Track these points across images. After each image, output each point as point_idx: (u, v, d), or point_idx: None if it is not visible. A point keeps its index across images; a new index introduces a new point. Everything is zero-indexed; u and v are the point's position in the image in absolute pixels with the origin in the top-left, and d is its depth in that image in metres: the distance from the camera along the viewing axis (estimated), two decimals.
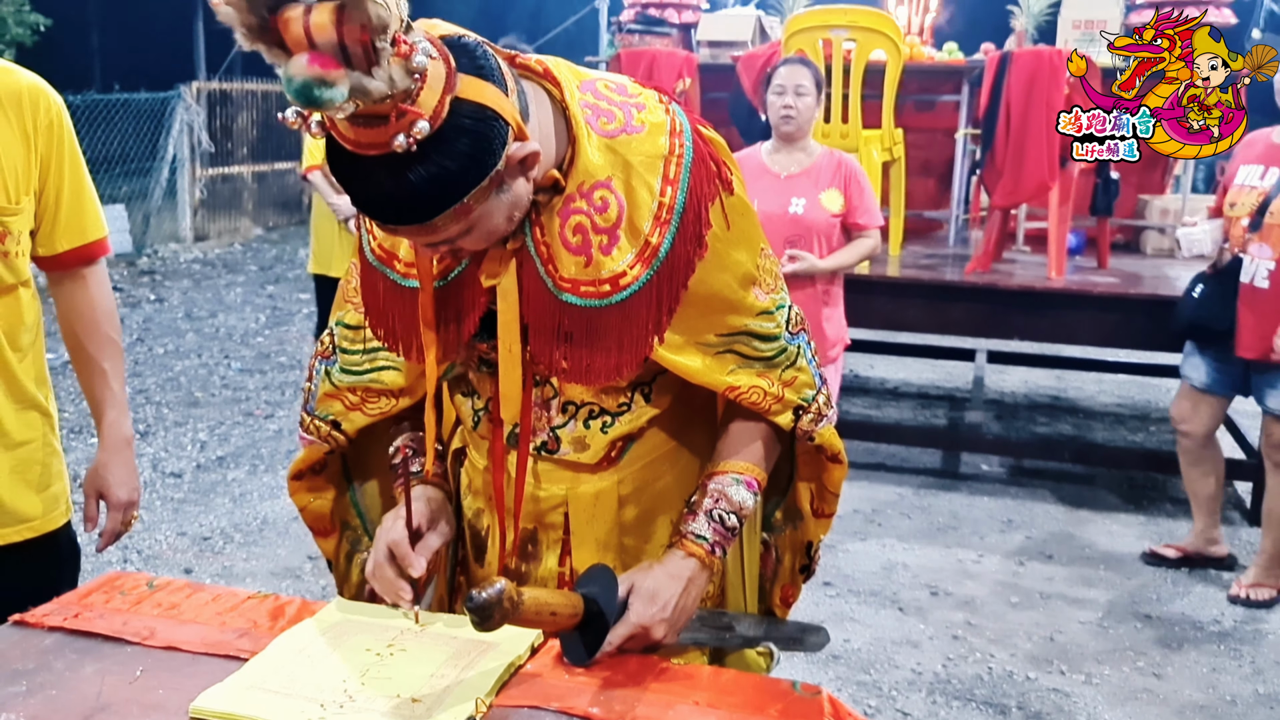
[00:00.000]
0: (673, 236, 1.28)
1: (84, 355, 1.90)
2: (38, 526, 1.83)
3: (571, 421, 1.40)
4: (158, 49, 18.01)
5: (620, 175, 1.27)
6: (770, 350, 1.38)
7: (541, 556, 1.48)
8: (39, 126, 1.74)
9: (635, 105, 1.32)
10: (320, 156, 4.93)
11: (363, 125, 1.05)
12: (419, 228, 1.14)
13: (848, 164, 3.69)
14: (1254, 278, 3.49)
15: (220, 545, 3.91)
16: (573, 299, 1.28)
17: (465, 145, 1.10)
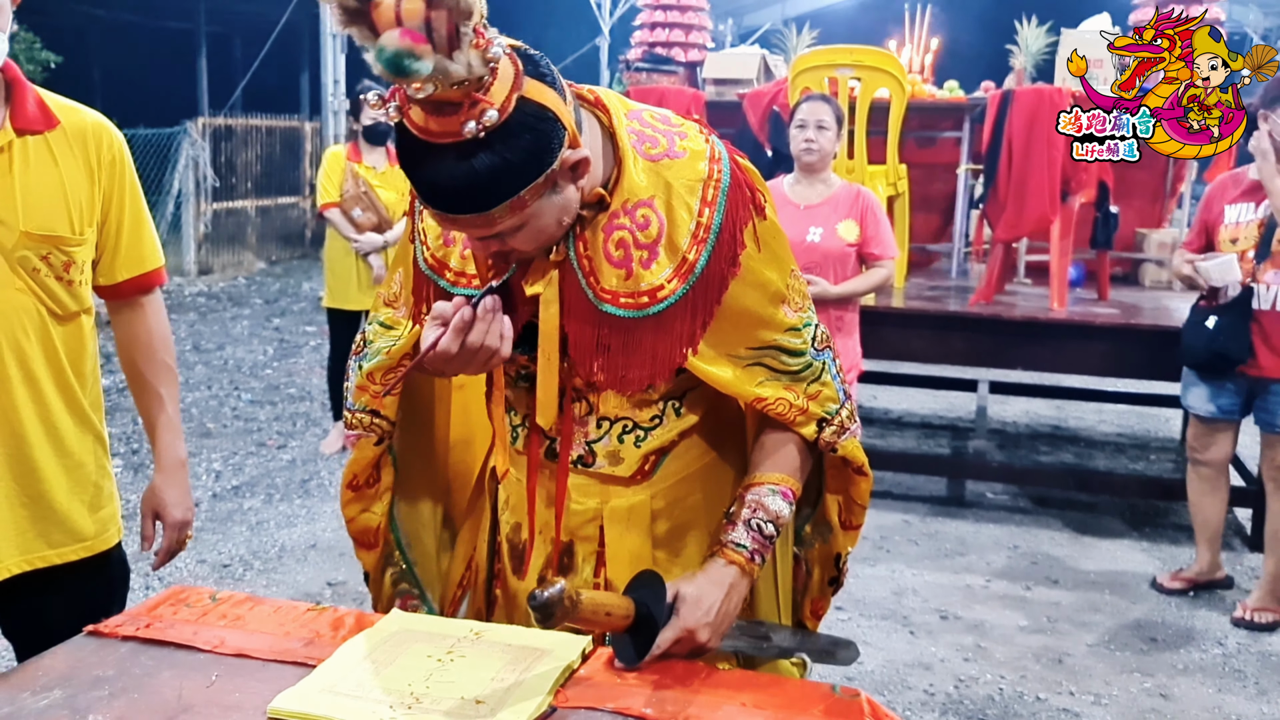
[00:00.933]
0: (709, 254, 1.37)
1: (141, 380, 1.97)
2: (92, 546, 1.89)
3: (606, 436, 1.49)
4: (159, 85, 18.19)
5: (662, 195, 1.37)
6: (797, 365, 1.46)
7: (578, 568, 1.54)
8: (102, 162, 1.82)
9: (678, 134, 1.42)
10: (335, 194, 5.05)
11: (436, 113, 1.15)
12: (477, 217, 1.23)
13: (865, 196, 3.83)
14: (1275, 303, 3.61)
15: (240, 572, 3.96)
16: (612, 309, 1.37)
17: (527, 141, 1.20)
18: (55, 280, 1.76)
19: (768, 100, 5.54)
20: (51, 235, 1.74)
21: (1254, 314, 3.65)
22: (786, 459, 1.50)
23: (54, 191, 1.75)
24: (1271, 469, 3.72)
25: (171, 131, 10.76)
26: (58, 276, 1.76)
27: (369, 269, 5.11)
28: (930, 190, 6.13)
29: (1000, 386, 6.27)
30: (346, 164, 5.10)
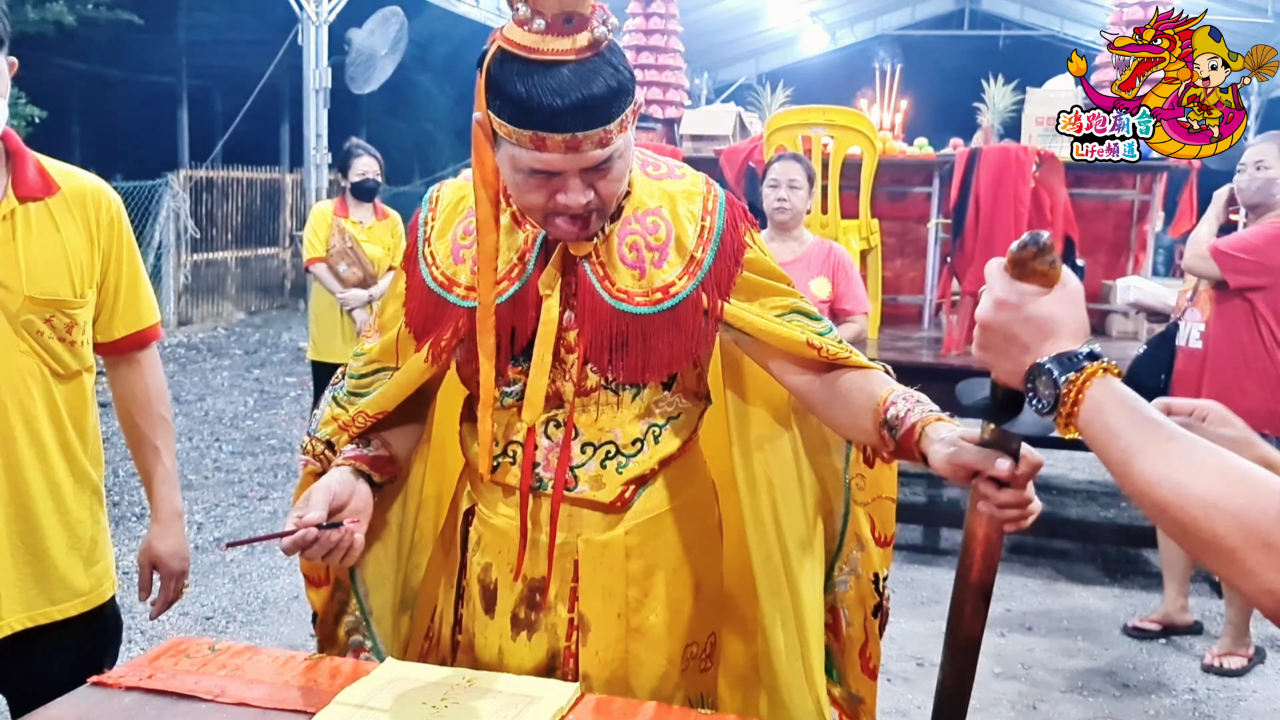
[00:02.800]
0: (714, 253, 1.51)
1: (138, 434, 2.03)
2: (89, 600, 1.93)
3: (590, 461, 1.53)
4: (141, 138, 18.26)
5: (668, 205, 1.53)
6: (823, 328, 1.57)
7: (551, 604, 1.57)
8: (101, 224, 1.89)
9: (676, 166, 1.61)
10: (322, 249, 5.12)
11: (560, 31, 1.28)
12: (601, 132, 1.32)
13: (837, 253, 3.91)
14: (1189, 339, 3.78)
15: (223, 624, 3.98)
16: (628, 307, 1.48)
17: (625, 68, 1.35)
18: (58, 341, 1.82)
19: (744, 157, 5.68)
20: (54, 299, 1.80)
21: (1175, 351, 3.83)
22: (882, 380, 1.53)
23: (56, 256, 1.81)
24: None
25: (153, 184, 10.83)
26: (60, 338, 1.82)
27: (353, 323, 5.17)
28: (902, 243, 6.27)
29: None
30: (333, 219, 5.18)
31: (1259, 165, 3.62)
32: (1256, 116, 19.97)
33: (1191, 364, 3.75)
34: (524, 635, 1.58)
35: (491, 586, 1.59)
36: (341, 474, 1.50)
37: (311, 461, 1.62)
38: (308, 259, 5.20)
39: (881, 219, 5.52)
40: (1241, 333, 3.63)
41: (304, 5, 11.35)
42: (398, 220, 5.41)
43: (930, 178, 5.82)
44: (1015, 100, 6.00)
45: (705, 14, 17.13)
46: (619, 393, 1.52)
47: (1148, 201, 6.01)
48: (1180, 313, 3.86)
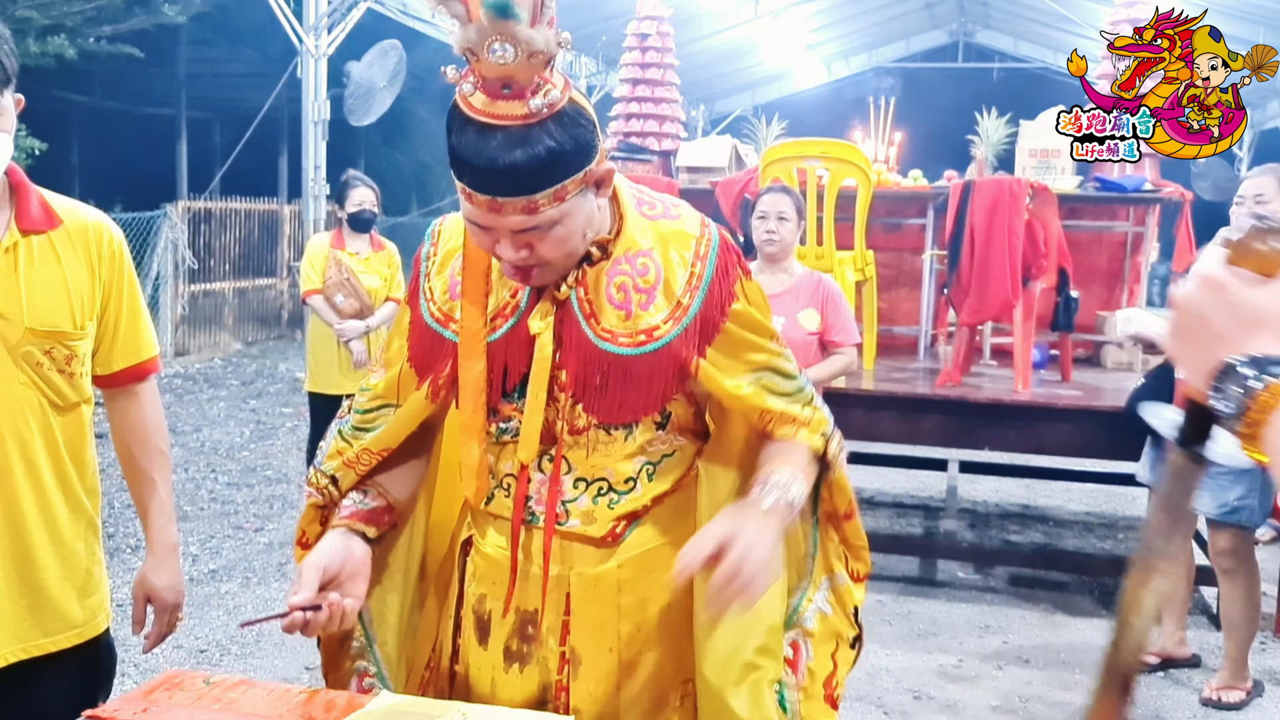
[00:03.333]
0: (701, 300, 1.50)
1: (135, 466, 2.04)
2: (83, 632, 1.92)
3: (582, 496, 1.55)
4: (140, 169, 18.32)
5: (660, 248, 1.51)
6: (792, 388, 1.57)
7: (543, 637, 1.57)
8: (103, 258, 1.90)
9: (673, 205, 1.59)
10: (319, 281, 5.14)
11: (502, 93, 1.28)
12: (525, 201, 1.32)
13: (826, 285, 3.91)
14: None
15: (217, 657, 3.97)
16: (611, 347, 1.48)
17: (575, 133, 1.33)
18: (57, 373, 1.83)
19: (739, 188, 5.72)
20: (55, 331, 1.81)
21: (1175, 383, 3.80)
22: (794, 454, 1.54)
23: (57, 288, 1.82)
24: (1215, 554, 3.81)
25: (151, 215, 10.87)
26: (60, 369, 1.83)
27: (350, 354, 5.19)
28: (897, 275, 6.31)
29: (970, 466, 6.38)
30: (330, 251, 5.21)
31: (1258, 199, 3.61)
32: (1250, 149, 20.10)
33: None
34: (516, 667, 1.58)
35: (486, 617, 1.61)
36: (332, 542, 1.51)
37: (315, 494, 1.64)
38: (304, 291, 5.22)
39: (876, 250, 5.54)
40: None
41: (303, 38, 11.43)
42: (394, 251, 5.44)
43: (925, 209, 5.87)
44: (1009, 133, 6.04)
45: (701, 47, 17.28)
46: (611, 432, 1.52)
47: (1141, 233, 6.06)
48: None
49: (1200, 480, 1.01)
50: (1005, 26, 21.90)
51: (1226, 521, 3.69)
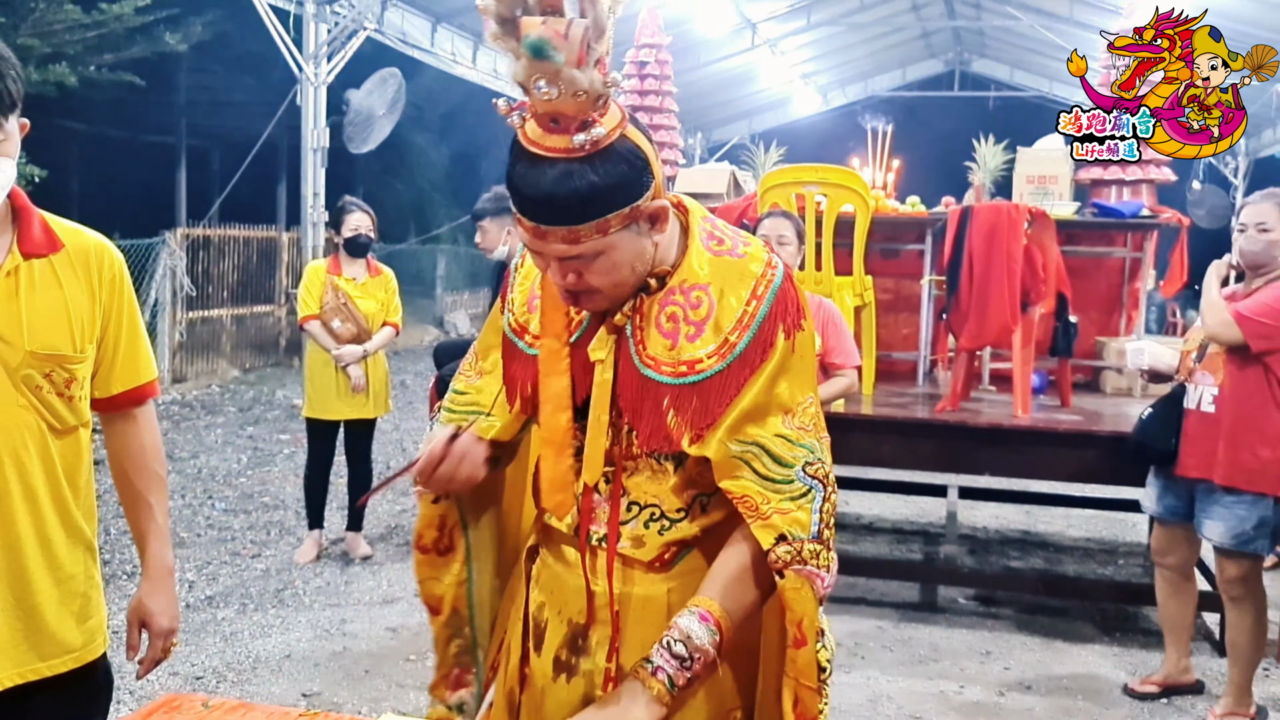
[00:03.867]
0: (749, 340, 1.48)
1: (132, 490, 2.02)
2: (80, 657, 1.90)
3: (634, 520, 1.55)
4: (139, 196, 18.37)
5: (717, 284, 1.50)
6: (780, 475, 1.46)
7: (591, 652, 1.58)
8: (103, 281, 1.90)
9: (744, 242, 1.57)
10: (315, 307, 5.15)
11: (552, 127, 1.34)
12: (566, 230, 1.37)
13: (826, 308, 3.94)
14: (1199, 403, 3.72)
15: (213, 684, 3.94)
16: (653, 374, 1.49)
17: (622, 170, 1.37)
18: (56, 397, 1.82)
19: (738, 214, 5.73)
20: (55, 354, 1.81)
21: (1184, 412, 3.78)
22: (719, 581, 1.48)
23: (58, 312, 1.82)
24: (1223, 582, 3.79)
25: (150, 242, 10.88)
26: (59, 393, 1.82)
27: (348, 379, 5.18)
28: (896, 300, 6.32)
29: (970, 492, 6.36)
30: (327, 276, 5.22)
31: (1260, 227, 3.60)
32: (1244, 176, 20.20)
33: (1204, 427, 3.69)
34: (564, 678, 1.60)
35: (542, 625, 1.64)
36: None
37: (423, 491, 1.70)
38: (301, 316, 5.23)
39: (875, 276, 5.55)
40: (1256, 396, 3.59)
41: (303, 66, 11.50)
42: (391, 276, 5.45)
43: (923, 235, 5.88)
44: (1006, 159, 6.06)
45: (699, 75, 17.38)
46: (661, 461, 1.53)
47: (1139, 259, 6.07)
48: (1187, 374, 3.80)
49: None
50: (1001, 56, 22.06)
51: (1241, 551, 3.67)
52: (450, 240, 19.98)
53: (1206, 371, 3.71)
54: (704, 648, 1.42)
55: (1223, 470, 3.63)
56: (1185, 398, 3.79)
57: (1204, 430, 3.70)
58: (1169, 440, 3.78)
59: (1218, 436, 3.65)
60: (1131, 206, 5.90)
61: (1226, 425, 3.63)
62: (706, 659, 1.42)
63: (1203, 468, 3.69)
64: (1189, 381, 3.79)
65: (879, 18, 18.72)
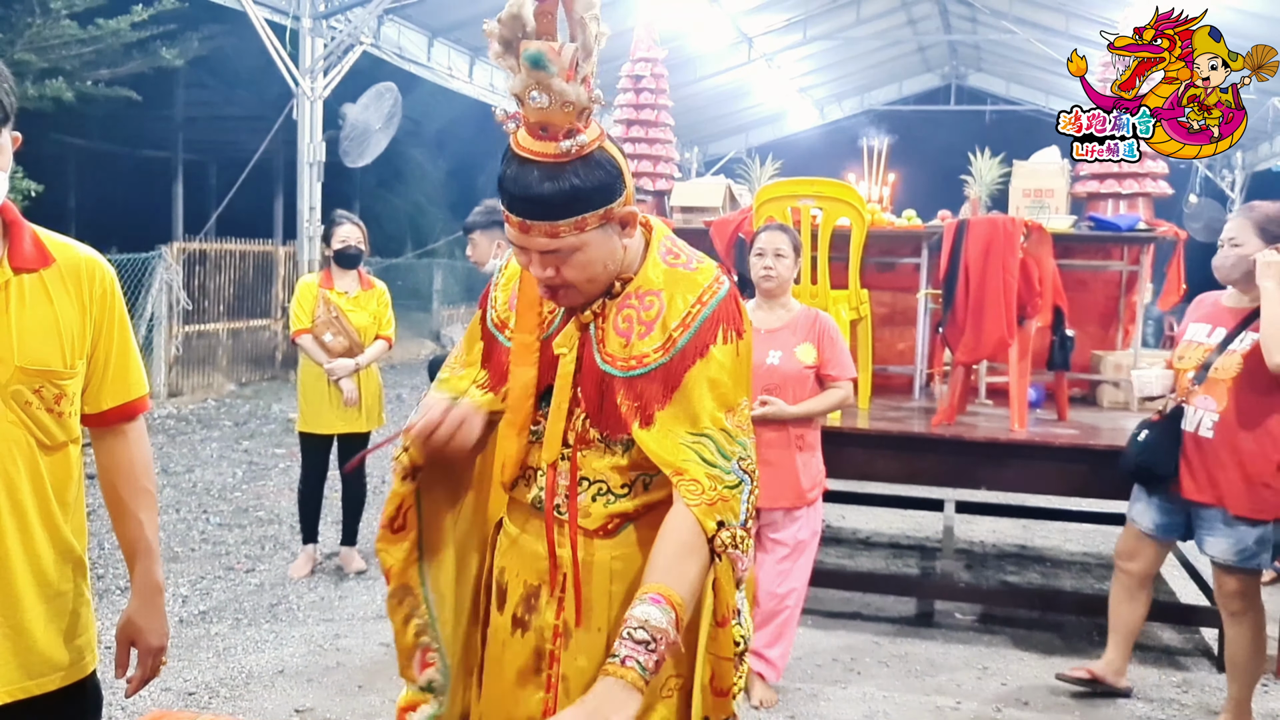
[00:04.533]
0: (689, 337, 1.69)
1: (121, 506, 2.00)
2: (69, 675, 1.88)
3: (583, 494, 1.76)
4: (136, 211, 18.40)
5: (669, 290, 1.73)
6: (722, 465, 1.67)
7: (541, 609, 1.79)
8: (94, 296, 1.88)
9: (698, 260, 1.80)
10: (308, 321, 5.14)
11: (541, 134, 1.55)
12: (547, 226, 1.58)
13: (823, 320, 3.95)
14: (1198, 427, 3.67)
15: (206, 700, 3.91)
16: (608, 368, 1.71)
17: (599, 175, 1.59)
18: (46, 412, 1.81)
19: (733, 228, 5.74)
20: (45, 370, 1.79)
21: (1182, 434, 3.75)
22: (660, 564, 1.60)
23: (48, 327, 1.80)
24: (1222, 597, 3.76)
25: (146, 256, 10.87)
26: (48, 409, 1.81)
27: (341, 392, 5.17)
28: (892, 314, 6.31)
29: (967, 506, 6.35)
30: (318, 290, 5.21)
31: (1232, 242, 3.62)
32: (1241, 190, 20.26)
33: (1202, 452, 3.66)
34: (519, 633, 1.81)
35: (503, 587, 1.86)
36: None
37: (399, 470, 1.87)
38: (294, 331, 5.22)
39: (871, 289, 5.55)
40: (1262, 425, 3.55)
41: (299, 81, 11.51)
42: (384, 290, 5.44)
43: (919, 249, 5.88)
44: (1002, 173, 6.07)
45: (695, 90, 17.43)
46: (610, 446, 1.74)
47: (1136, 273, 6.07)
48: (1185, 396, 3.75)
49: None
50: (997, 70, 22.15)
51: (1242, 566, 3.65)
52: (446, 254, 19.99)
53: (1209, 396, 3.65)
54: (663, 628, 1.52)
55: (1235, 500, 3.58)
56: (1183, 419, 3.74)
57: (1200, 455, 3.67)
58: (1174, 465, 3.74)
59: (1218, 462, 3.61)
60: (1128, 220, 5.91)
61: (1228, 452, 3.59)
62: (668, 639, 1.53)
63: (1206, 492, 3.65)
64: (1187, 403, 3.74)
65: (875, 32, 18.80)
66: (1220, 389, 3.62)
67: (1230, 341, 3.63)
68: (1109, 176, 6.60)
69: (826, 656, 4.51)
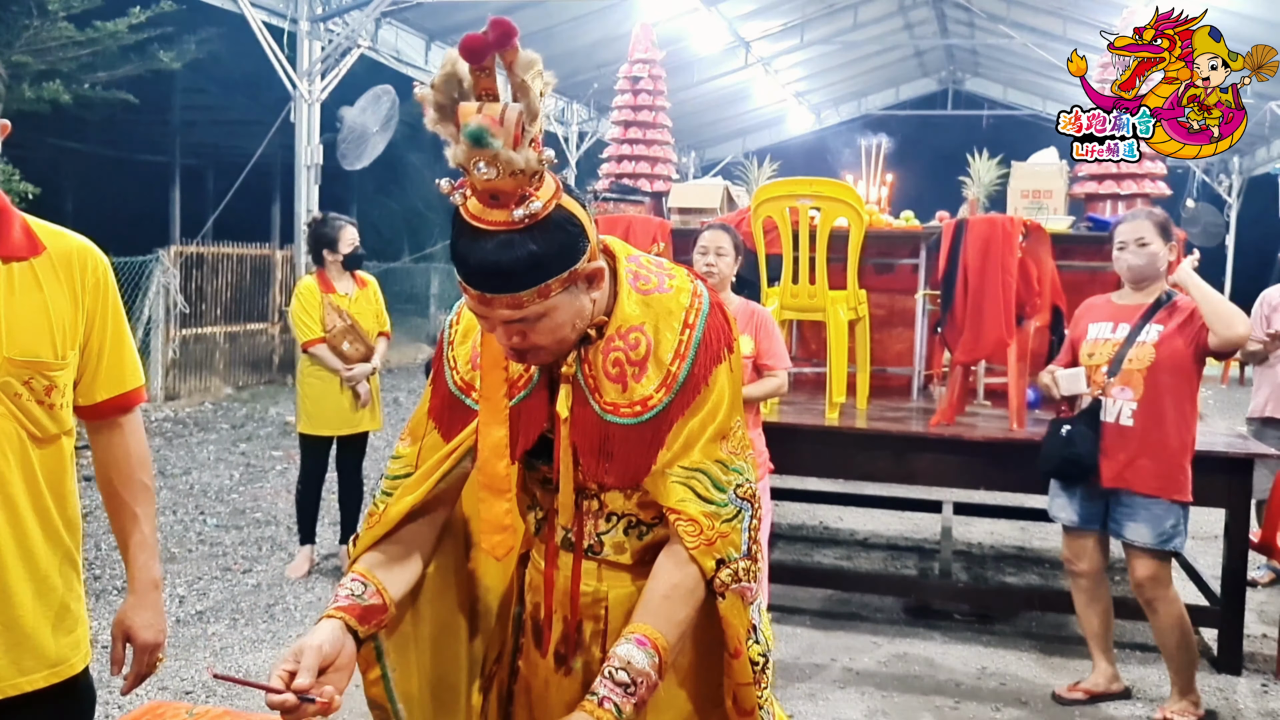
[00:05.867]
0: (689, 367, 1.60)
1: (117, 499, 1.98)
2: (60, 671, 1.85)
3: (613, 529, 1.69)
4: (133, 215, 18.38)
5: (651, 322, 1.62)
6: (718, 499, 1.59)
7: (586, 645, 1.72)
8: (86, 285, 1.85)
9: (668, 275, 1.68)
10: (317, 329, 5.11)
11: (491, 204, 1.41)
12: (510, 297, 1.45)
13: (759, 314, 4.11)
14: (1118, 417, 3.81)
15: (202, 699, 3.89)
16: (614, 419, 1.60)
17: (560, 238, 1.46)
18: (36, 404, 1.77)
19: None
20: (35, 360, 1.76)
21: (1100, 425, 3.85)
22: (649, 605, 1.56)
23: (38, 317, 1.77)
24: (1135, 587, 3.88)
25: (144, 259, 10.86)
26: (39, 400, 1.78)
27: (352, 395, 5.18)
28: (890, 315, 6.31)
29: (965, 507, 6.33)
30: (323, 297, 5.18)
31: (1140, 242, 3.77)
32: (1238, 194, 20.29)
33: (1120, 439, 3.79)
34: (563, 671, 1.74)
35: (539, 623, 1.77)
36: (332, 629, 1.54)
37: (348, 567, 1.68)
38: (305, 340, 5.15)
39: (869, 290, 5.54)
40: (1173, 409, 3.74)
41: (297, 84, 11.51)
42: (377, 285, 5.46)
43: (917, 250, 5.88)
44: (1000, 174, 6.07)
45: (693, 94, 17.45)
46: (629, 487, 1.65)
47: None
48: (1101, 389, 3.87)
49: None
50: (994, 74, 22.18)
51: (1163, 550, 3.78)
52: (444, 258, 19.97)
53: (1126, 386, 3.81)
54: (645, 671, 1.49)
55: (1147, 481, 3.75)
56: (1102, 410, 3.86)
57: (1120, 442, 3.80)
58: (1095, 454, 3.85)
59: (1135, 448, 3.77)
60: None
61: (1146, 437, 3.75)
62: (649, 682, 1.49)
63: (1122, 478, 3.80)
64: (1104, 395, 3.87)
65: (872, 36, 18.82)
66: (1136, 379, 3.78)
67: (1137, 334, 3.81)
68: (1107, 177, 6.61)
69: (825, 656, 4.50)
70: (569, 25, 14.30)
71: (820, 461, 5.10)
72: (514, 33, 1.33)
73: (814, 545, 6.36)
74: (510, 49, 1.35)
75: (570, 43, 14.85)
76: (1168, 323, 3.77)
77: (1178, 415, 3.75)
